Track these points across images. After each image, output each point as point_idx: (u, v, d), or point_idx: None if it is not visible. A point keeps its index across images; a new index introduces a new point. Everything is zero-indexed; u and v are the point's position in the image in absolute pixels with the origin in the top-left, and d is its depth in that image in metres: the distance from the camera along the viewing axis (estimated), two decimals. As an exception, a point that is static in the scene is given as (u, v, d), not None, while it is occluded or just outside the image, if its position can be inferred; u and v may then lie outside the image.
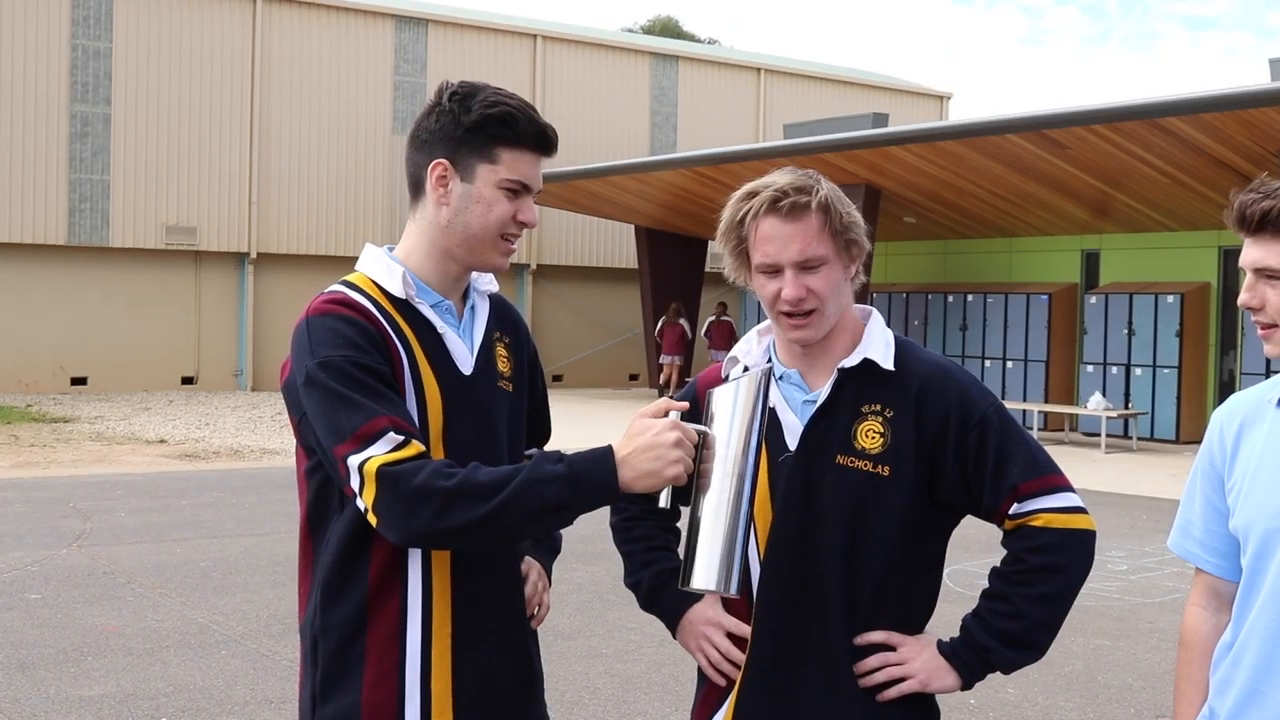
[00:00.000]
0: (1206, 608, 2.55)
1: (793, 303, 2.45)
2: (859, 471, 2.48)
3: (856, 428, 2.50)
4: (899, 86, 37.01)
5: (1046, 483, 2.51)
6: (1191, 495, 2.56)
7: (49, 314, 25.13)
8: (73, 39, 25.20)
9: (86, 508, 11.87)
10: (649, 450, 2.23)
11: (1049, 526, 2.49)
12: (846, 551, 2.48)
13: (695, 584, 2.27)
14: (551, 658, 6.00)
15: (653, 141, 31.67)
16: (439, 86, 2.50)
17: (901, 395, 2.50)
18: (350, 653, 2.42)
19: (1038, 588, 2.50)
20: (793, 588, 2.50)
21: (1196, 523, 2.54)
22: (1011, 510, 2.50)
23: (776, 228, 2.44)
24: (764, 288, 2.49)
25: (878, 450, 2.48)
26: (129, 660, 6.94)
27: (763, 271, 2.48)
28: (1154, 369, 19.85)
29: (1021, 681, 6.86)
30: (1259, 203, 2.33)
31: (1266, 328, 2.36)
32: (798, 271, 2.45)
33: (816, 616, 2.50)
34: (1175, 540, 2.61)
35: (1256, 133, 15.49)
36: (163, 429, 19.28)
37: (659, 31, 53.95)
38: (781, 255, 2.45)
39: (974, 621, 2.53)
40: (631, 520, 2.81)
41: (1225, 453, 2.47)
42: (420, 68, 28.66)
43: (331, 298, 2.44)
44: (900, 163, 19.40)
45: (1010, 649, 2.51)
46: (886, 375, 2.51)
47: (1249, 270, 2.37)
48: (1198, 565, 2.56)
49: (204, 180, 26.33)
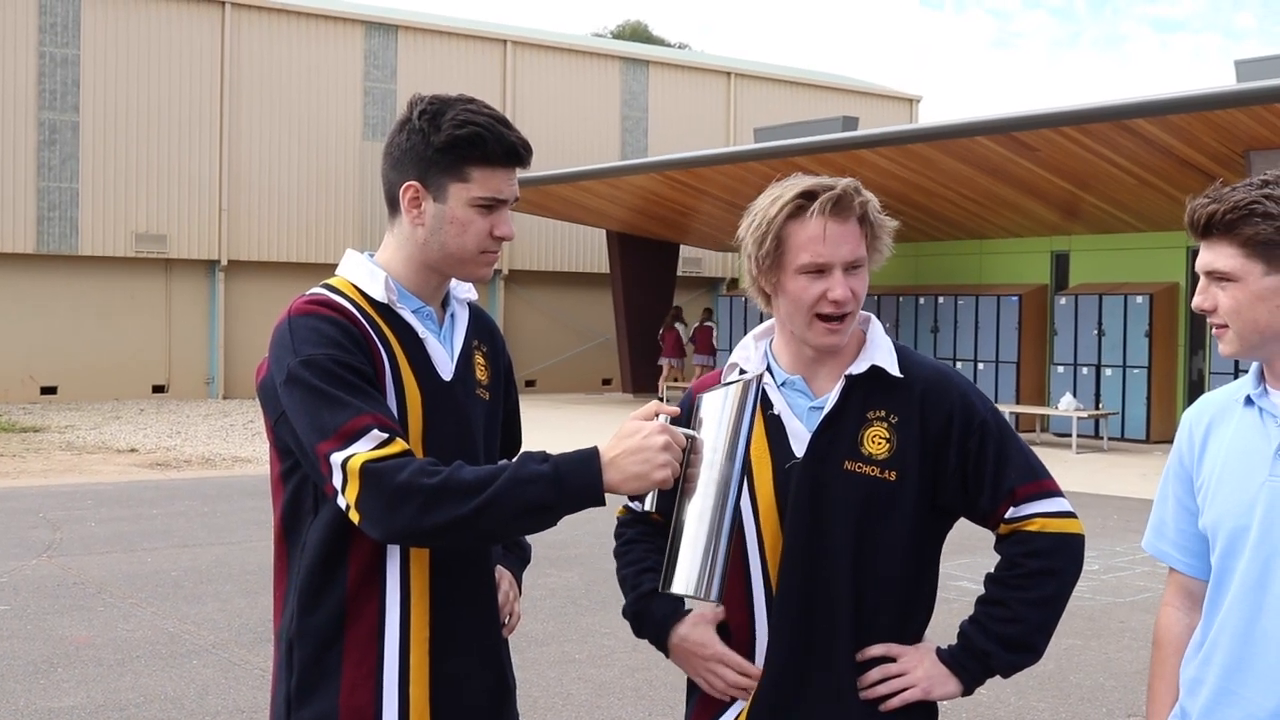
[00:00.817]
0: (1180, 607, 2.57)
1: (840, 304, 2.45)
2: (867, 477, 2.49)
3: (863, 434, 2.51)
4: (869, 90, 37.13)
5: (1041, 487, 2.55)
6: (1164, 496, 2.58)
7: (18, 323, 24.97)
8: (40, 46, 25.05)
9: (56, 518, 11.79)
10: (637, 453, 2.24)
11: (1044, 531, 2.52)
12: (855, 556, 2.49)
13: (675, 588, 2.27)
14: (525, 664, 5.99)
15: (624, 146, 31.69)
16: (410, 100, 2.49)
17: (905, 401, 2.52)
18: (328, 657, 2.41)
19: (1034, 591, 2.52)
20: (804, 593, 2.50)
21: (1169, 523, 2.56)
22: (1008, 514, 2.53)
23: (830, 228, 2.44)
24: (806, 290, 2.46)
25: (884, 456, 2.50)
26: (100, 671, 6.90)
27: (807, 272, 2.46)
28: (1124, 369, 19.96)
29: (993, 682, 6.86)
30: (1205, 207, 2.37)
31: (1219, 328, 2.39)
32: (845, 273, 2.46)
33: (826, 621, 2.50)
34: (1149, 540, 2.63)
35: (1223, 134, 15.61)
36: (134, 438, 19.18)
37: (629, 36, 53.96)
38: (834, 255, 2.44)
39: (973, 627, 2.55)
40: (628, 544, 2.76)
41: (1194, 452, 2.50)
42: (390, 73, 28.61)
43: (314, 298, 2.44)
44: (870, 166, 19.46)
45: (1010, 653, 2.54)
46: (891, 381, 2.53)
47: (1201, 273, 2.41)
48: (1171, 565, 2.58)
49: (174, 187, 26.21)
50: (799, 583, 2.49)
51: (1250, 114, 14.79)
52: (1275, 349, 2.37)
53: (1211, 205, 2.36)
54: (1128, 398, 19.89)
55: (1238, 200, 2.33)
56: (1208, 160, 16.45)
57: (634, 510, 2.77)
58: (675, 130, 32.19)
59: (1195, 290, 2.43)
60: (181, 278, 26.74)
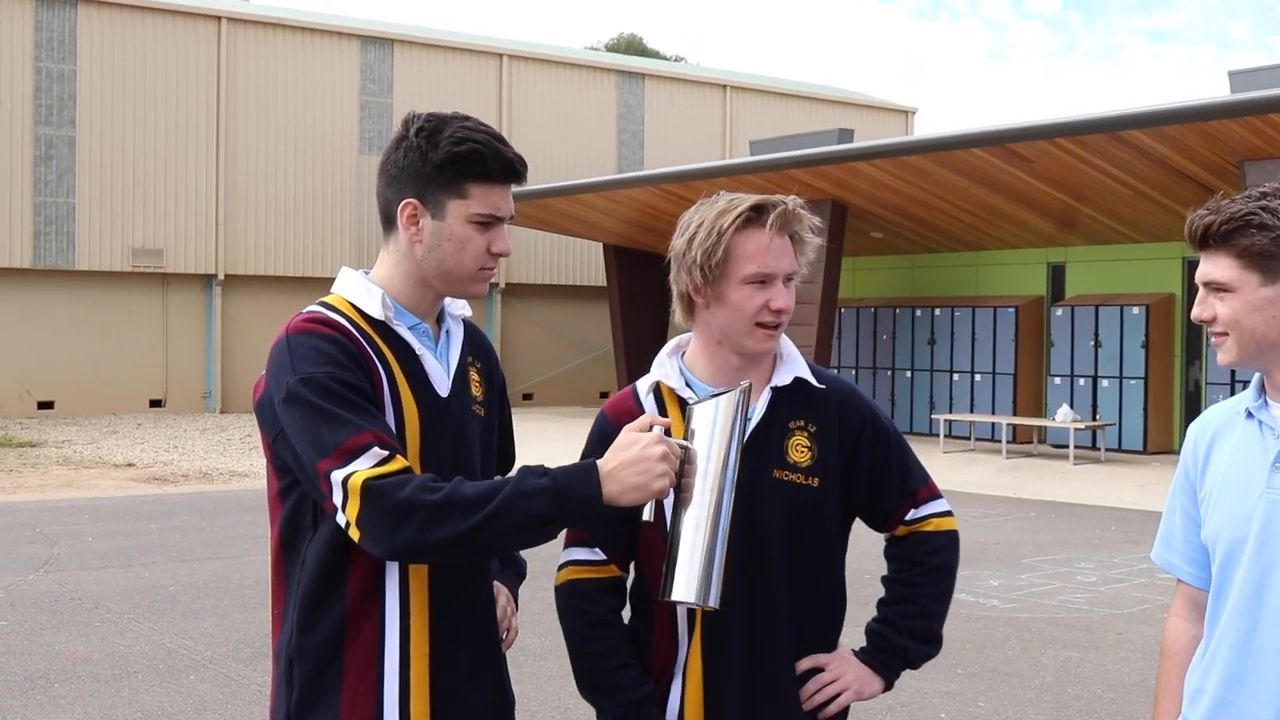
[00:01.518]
0: (1186, 618, 2.59)
1: (784, 312, 2.59)
2: (793, 484, 2.62)
3: (787, 443, 2.63)
4: (864, 102, 37.19)
5: (931, 490, 2.77)
6: (1172, 507, 2.61)
7: (14, 338, 24.95)
8: (36, 61, 25.07)
9: (53, 533, 11.78)
10: (636, 464, 2.27)
11: (939, 530, 2.75)
12: (789, 560, 2.61)
13: (675, 596, 2.33)
14: (522, 678, 5.99)
15: (620, 159, 31.72)
16: (405, 118, 2.51)
17: (823, 410, 2.67)
18: (327, 673, 2.42)
19: (936, 586, 2.74)
20: (746, 601, 2.58)
21: (1177, 534, 2.59)
22: (909, 515, 2.73)
23: (774, 240, 2.57)
24: (750, 299, 2.57)
25: (807, 463, 2.63)
26: (96, 686, 6.89)
27: (752, 282, 2.56)
28: (1120, 380, 19.97)
29: (991, 695, 6.88)
30: (1203, 218, 2.41)
31: (1218, 336, 2.43)
32: (785, 284, 2.59)
33: (767, 627, 2.60)
34: (1158, 552, 2.66)
35: (1217, 145, 15.63)
36: (131, 452, 19.16)
37: (624, 50, 54.04)
38: (778, 266, 2.57)
39: (884, 627, 2.73)
40: (597, 627, 2.68)
41: (1198, 464, 2.53)
42: (386, 88, 28.64)
43: (312, 316, 2.45)
44: (866, 178, 19.48)
45: (923, 644, 2.73)
46: (811, 392, 2.68)
47: (1200, 284, 2.44)
48: (1178, 576, 2.61)
49: (170, 202, 26.22)
50: (739, 591, 2.56)
51: (1244, 124, 14.82)
52: (1272, 358, 2.40)
53: (1209, 217, 2.40)
54: (1125, 409, 19.89)
55: (1234, 211, 2.36)
56: (1202, 171, 16.48)
57: (587, 561, 2.70)
58: (671, 143, 32.23)
59: (1195, 301, 2.46)
60: (178, 292, 26.74)
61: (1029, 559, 11.08)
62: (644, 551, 2.64)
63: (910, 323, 22.85)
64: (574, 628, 2.70)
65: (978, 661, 7.58)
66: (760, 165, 20.61)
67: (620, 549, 2.68)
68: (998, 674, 7.34)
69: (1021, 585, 9.88)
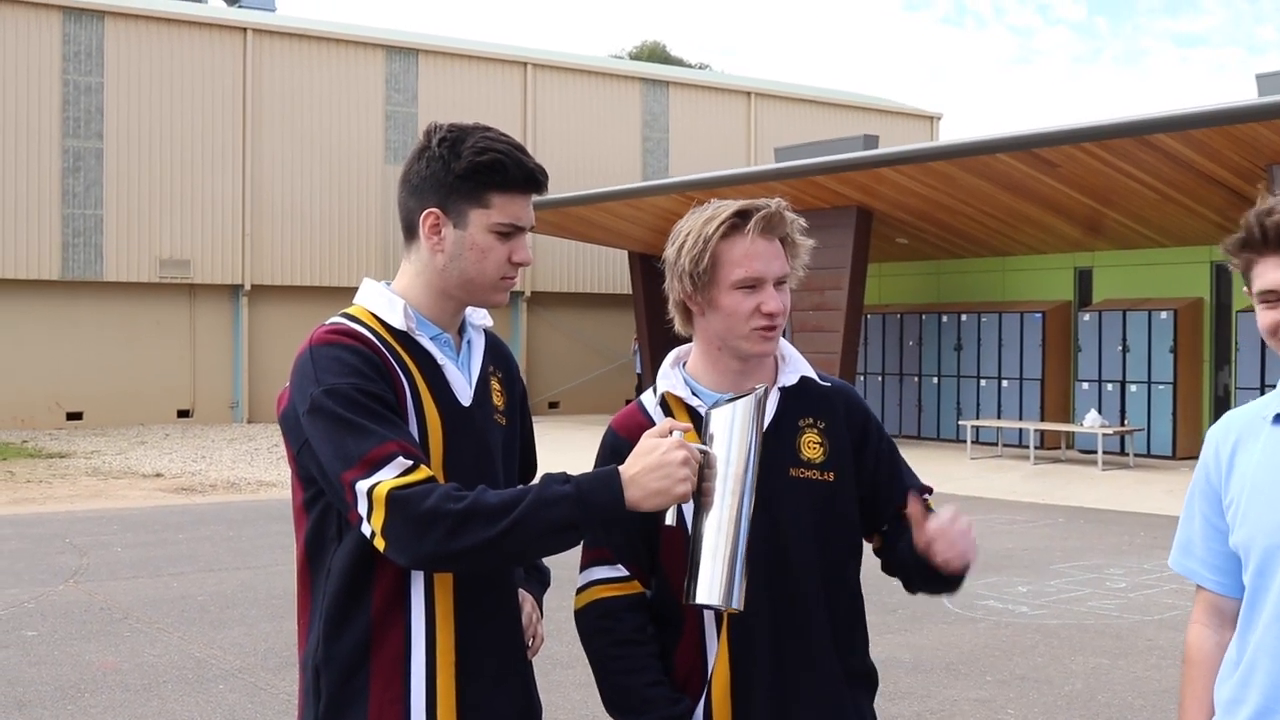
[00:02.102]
0: (1209, 625, 2.54)
1: (777, 315, 2.58)
2: (810, 480, 2.63)
3: (799, 441, 2.65)
4: (889, 108, 37.13)
5: (923, 487, 2.76)
6: (1190, 514, 2.56)
7: (44, 349, 25.12)
8: (64, 74, 25.26)
9: (83, 543, 11.84)
10: (658, 469, 2.29)
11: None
12: (819, 557, 2.61)
13: (700, 599, 2.34)
14: (549, 686, 5.99)
15: (645, 167, 31.74)
16: (427, 128, 2.52)
17: (830, 408, 2.70)
18: (354, 682, 2.42)
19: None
20: (772, 603, 2.57)
21: (1197, 541, 2.54)
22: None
23: (761, 245, 2.58)
24: (741, 304, 2.58)
25: (820, 459, 2.65)
26: (126, 696, 6.91)
27: (742, 287, 2.58)
28: (1149, 385, 19.86)
29: (1021, 702, 6.84)
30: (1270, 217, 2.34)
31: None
32: (775, 287, 2.60)
33: (796, 624, 2.59)
34: (1176, 559, 2.61)
35: (1245, 148, 15.54)
36: (159, 463, 19.25)
37: (646, 57, 54.07)
38: (767, 270, 2.58)
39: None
40: (626, 645, 2.62)
41: (1221, 470, 2.48)
42: (411, 97, 28.73)
43: (335, 328, 2.46)
44: (891, 184, 19.44)
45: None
46: (816, 391, 2.71)
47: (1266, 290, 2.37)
48: (1199, 583, 2.56)
49: (197, 213, 26.36)
50: (764, 593, 2.55)
51: (1272, 127, 14.73)
52: None
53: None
54: (1153, 414, 19.78)
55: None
56: (1230, 174, 16.39)
57: (611, 579, 2.65)
58: (696, 150, 32.24)
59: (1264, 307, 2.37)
60: (205, 302, 26.87)
61: (1057, 565, 11.03)
62: (665, 557, 2.63)
63: (937, 328, 22.78)
64: (602, 647, 2.64)
65: (1006, 668, 7.54)
66: (785, 172, 20.59)
67: (642, 564, 2.64)
68: (1027, 681, 7.30)
69: (1050, 591, 9.82)
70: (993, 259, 22.97)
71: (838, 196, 20.33)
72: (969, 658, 7.75)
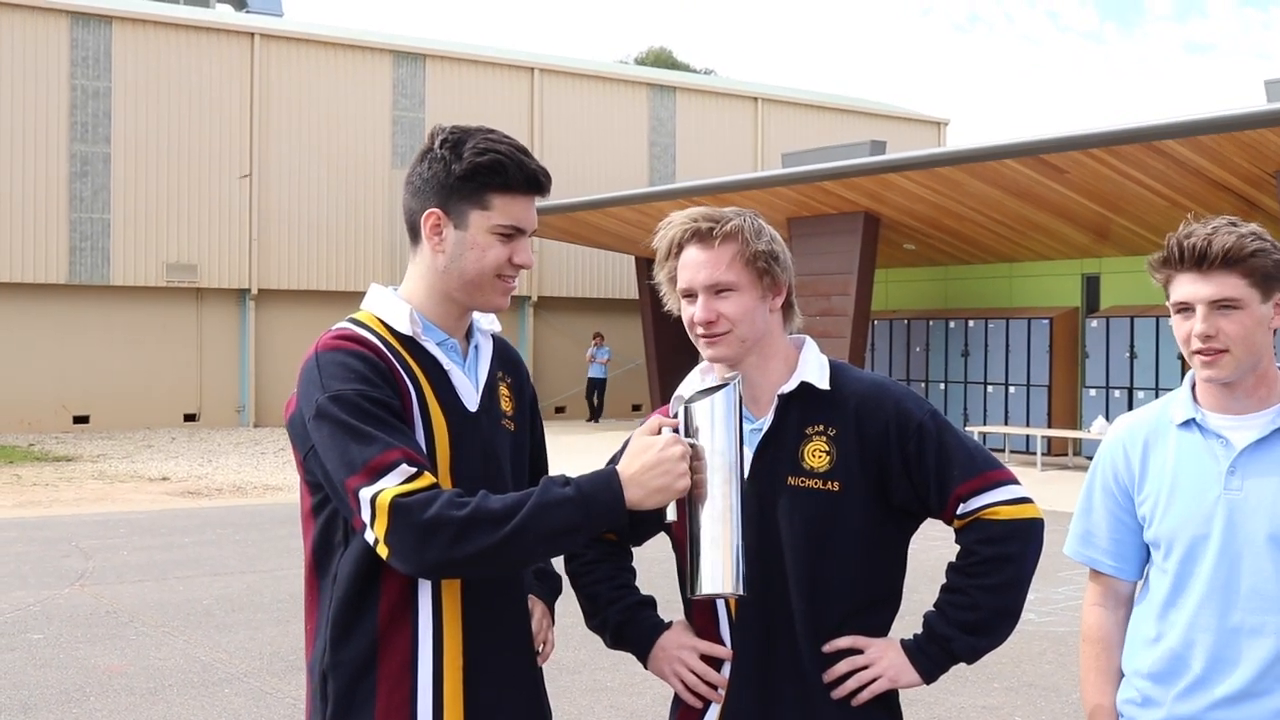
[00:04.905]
0: (1106, 606, 2.87)
1: (702, 324, 2.59)
2: (811, 490, 2.59)
3: (803, 449, 2.61)
4: (896, 114, 37.12)
5: (987, 479, 2.61)
6: (1089, 508, 2.86)
7: (50, 353, 25.15)
8: (72, 79, 25.30)
9: (89, 547, 11.84)
10: (656, 466, 2.31)
11: (996, 519, 2.60)
12: (809, 568, 2.58)
13: (705, 589, 2.37)
14: (557, 692, 5.97)
15: (651, 172, 31.75)
16: (431, 131, 2.53)
17: (841, 413, 2.63)
18: (361, 687, 2.42)
19: (990, 578, 2.60)
20: (762, 607, 2.58)
21: (1099, 532, 2.84)
22: (959, 510, 2.61)
23: (692, 255, 2.60)
24: (684, 312, 2.64)
25: (825, 468, 2.60)
26: (132, 700, 6.91)
27: (683, 296, 2.63)
28: (1157, 391, 19.81)
29: (1028, 709, 6.83)
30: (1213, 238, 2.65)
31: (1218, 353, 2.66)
32: (709, 296, 2.58)
33: (786, 631, 2.59)
34: (1075, 549, 2.90)
35: (1254, 154, 15.51)
36: (165, 466, 19.27)
37: (652, 63, 54.11)
38: (694, 280, 2.59)
39: (934, 615, 2.64)
40: (590, 564, 2.81)
41: (1133, 471, 2.78)
42: (419, 102, 28.75)
43: (341, 334, 2.46)
44: (899, 190, 19.42)
45: (969, 635, 2.61)
46: (825, 396, 2.64)
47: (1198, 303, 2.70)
48: (1098, 569, 2.86)
49: (204, 217, 26.39)
50: (756, 597, 2.56)
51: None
52: (1249, 374, 2.67)
53: (1223, 237, 2.61)
54: (1161, 420, 19.73)
55: (1242, 233, 2.61)
56: (1239, 181, 16.36)
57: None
58: (703, 156, 32.24)
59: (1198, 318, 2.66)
60: (212, 307, 26.90)
61: (1065, 572, 10.99)
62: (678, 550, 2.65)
63: (944, 334, 22.76)
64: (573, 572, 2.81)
65: (1014, 676, 7.52)
66: (792, 178, 20.59)
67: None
68: (1035, 688, 7.28)
69: (1058, 599, 9.81)
70: (1000, 265, 22.95)
71: (845, 202, 20.32)
72: (977, 665, 7.70)
